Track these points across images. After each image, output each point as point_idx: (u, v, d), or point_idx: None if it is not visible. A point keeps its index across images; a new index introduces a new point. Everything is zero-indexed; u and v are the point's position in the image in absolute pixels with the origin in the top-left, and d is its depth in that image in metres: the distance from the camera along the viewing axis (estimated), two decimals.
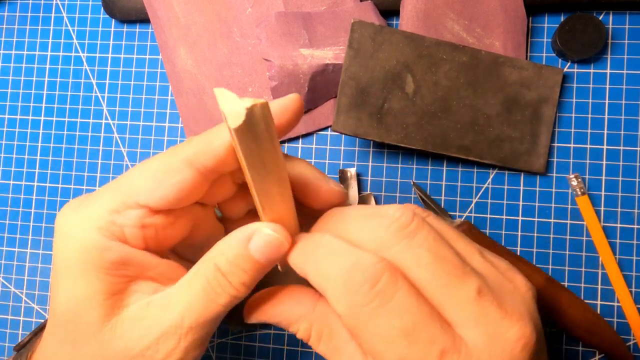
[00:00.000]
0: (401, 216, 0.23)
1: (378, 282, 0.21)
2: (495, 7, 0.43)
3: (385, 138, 0.41)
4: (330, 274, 0.22)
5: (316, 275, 0.24)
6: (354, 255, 0.22)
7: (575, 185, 0.41)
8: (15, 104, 0.49)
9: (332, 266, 0.22)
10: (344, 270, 0.22)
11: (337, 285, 0.22)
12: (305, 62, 0.43)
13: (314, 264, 0.24)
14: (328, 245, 0.24)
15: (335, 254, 0.23)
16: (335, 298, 0.22)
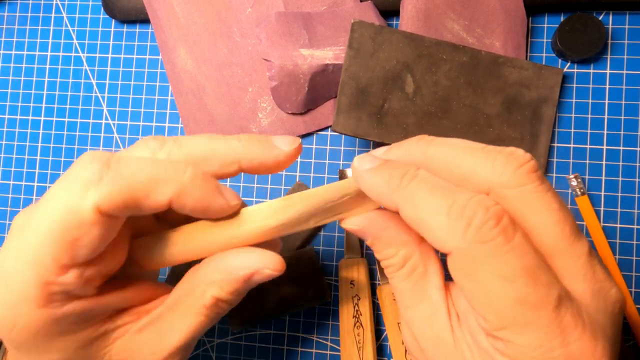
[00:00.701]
0: (531, 159, 0.22)
1: (501, 220, 0.21)
2: (495, 7, 0.43)
3: (385, 138, 0.41)
4: (440, 208, 0.21)
5: (416, 208, 0.22)
6: (467, 192, 0.22)
7: (575, 186, 0.41)
8: (15, 104, 0.49)
9: (442, 200, 0.21)
10: (461, 206, 0.21)
11: (453, 220, 0.21)
12: (305, 62, 0.43)
13: (411, 197, 0.22)
14: (429, 180, 0.23)
15: (443, 189, 0.22)
16: (447, 233, 0.21)
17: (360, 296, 0.41)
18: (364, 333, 0.41)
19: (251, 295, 0.42)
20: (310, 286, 0.42)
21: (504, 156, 0.22)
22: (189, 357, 0.26)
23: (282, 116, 0.45)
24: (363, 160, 0.25)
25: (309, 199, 0.25)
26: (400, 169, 0.23)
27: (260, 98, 0.45)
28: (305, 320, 0.44)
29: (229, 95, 0.45)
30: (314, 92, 0.44)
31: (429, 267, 0.25)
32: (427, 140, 0.25)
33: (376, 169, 0.24)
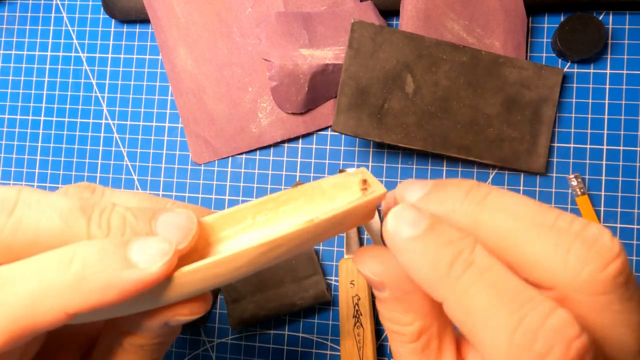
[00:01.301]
0: (620, 254, 0.17)
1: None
2: (495, 7, 0.43)
3: (385, 138, 0.41)
4: (502, 326, 0.16)
5: (469, 313, 0.17)
6: (542, 305, 0.16)
7: (575, 185, 0.41)
8: (15, 104, 0.49)
9: (507, 315, 0.16)
10: (531, 330, 0.15)
11: (516, 350, 0.16)
12: (305, 62, 0.43)
13: (464, 295, 0.17)
14: (491, 274, 0.17)
15: (509, 295, 0.16)
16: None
17: (360, 296, 0.41)
18: (364, 333, 0.41)
19: (251, 295, 0.42)
20: (310, 286, 0.42)
21: (584, 247, 0.16)
22: None
23: (282, 116, 0.45)
24: (400, 220, 0.18)
25: (300, 236, 0.19)
26: (451, 247, 0.17)
27: (260, 98, 0.45)
28: (305, 320, 0.44)
29: (229, 95, 0.45)
30: (314, 92, 0.44)
31: (444, 342, 0.20)
32: (480, 196, 0.18)
33: (419, 240, 0.18)
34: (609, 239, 0.17)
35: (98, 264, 0.17)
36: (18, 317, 0.17)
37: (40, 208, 0.18)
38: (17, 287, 0.17)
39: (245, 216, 0.21)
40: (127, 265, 0.17)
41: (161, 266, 0.17)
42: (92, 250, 0.17)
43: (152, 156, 0.47)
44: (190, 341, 0.45)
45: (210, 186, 0.46)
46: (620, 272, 0.16)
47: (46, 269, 0.17)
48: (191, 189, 0.47)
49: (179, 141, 0.47)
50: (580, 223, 0.17)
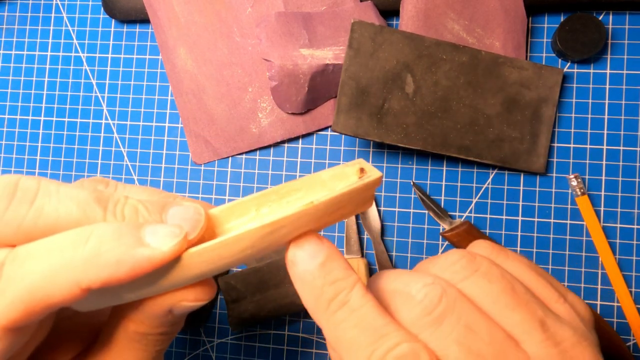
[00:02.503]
0: (424, 298, 0.20)
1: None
2: (495, 7, 0.43)
3: (385, 138, 0.41)
4: (359, 356, 0.19)
5: (338, 342, 0.20)
6: (393, 337, 0.19)
7: (575, 185, 0.41)
8: (15, 104, 0.49)
9: (363, 348, 0.19)
10: (378, 358, 0.19)
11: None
12: (305, 62, 0.43)
13: (335, 327, 0.20)
14: (359, 313, 0.20)
15: (369, 330, 0.20)
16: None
17: None
18: None
19: (251, 295, 0.42)
20: None
21: (404, 298, 0.21)
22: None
23: (282, 116, 0.45)
24: (298, 253, 0.21)
25: (299, 219, 0.20)
26: (333, 287, 0.20)
27: (260, 98, 0.45)
28: (305, 320, 0.44)
29: (229, 95, 0.45)
30: (314, 92, 0.44)
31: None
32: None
33: (311, 273, 0.20)
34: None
35: (113, 241, 0.18)
36: (35, 290, 0.18)
37: (59, 198, 0.19)
38: (35, 262, 0.18)
39: (249, 208, 0.22)
40: (140, 244, 0.18)
41: (172, 246, 0.18)
42: (108, 229, 0.19)
43: (152, 156, 0.47)
44: (190, 341, 0.45)
45: (210, 186, 0.46)
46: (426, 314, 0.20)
47: (64, 245, 0.18)
48: (191, 189, 0.47)
49: (179, 141, 0.47)
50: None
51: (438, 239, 0.44)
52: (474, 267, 0.22)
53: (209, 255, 0.19)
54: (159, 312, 0.21)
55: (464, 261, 0.22)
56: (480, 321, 0.20)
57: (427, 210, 0.44)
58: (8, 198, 0.19)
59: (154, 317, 0.21)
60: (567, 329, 0.21)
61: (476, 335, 0.20)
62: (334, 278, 0.20)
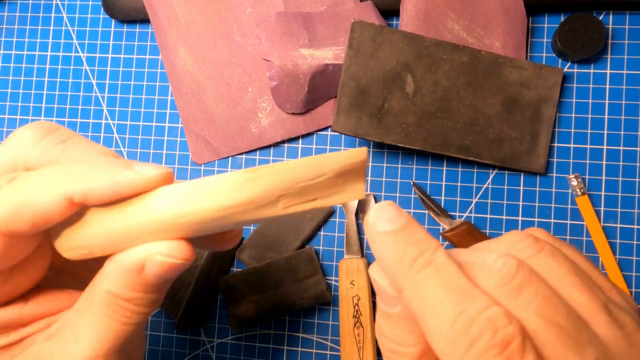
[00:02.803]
0: (502, 267, 0.20)
1: (507, 347, 0.18)
2: (495, 7, 0.43)
3: (385, 138, 0.41)
4: (446, 315, 0.19)
5: (421, 304, 0.20)
6: (483, 300, 0.19)
7: (575, 185, 0.41)
8: (15, 104, 0.49)
9: (451, 306, 0.19)
10: (468, 319, 0.19)
11: (455, 334, 0.19)
12: (305, 62, 0.43)
13: (419, 287, 0.20)
14: (445, 272, 0.20)
15: (457, 290, 0.19)
16: (446, 347, 0.19)
17: (360, 296, 0.41)
18: (364, 333, 0.41)
19: (251, 295, 0.42)
20: (310, 286, 0.42)
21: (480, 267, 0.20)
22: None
23: (282, 116, 0.45)
24: (380, 216, 0.21)
25: (278, 174, 0.20)
26: (417, 246, 0.20)
27: (260, 98, 0.45)
28: (305, 320, 0.44)
29: (229, 95, 0.45)
30: (314, 92, 0.44)
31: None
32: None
33: (393, 235, 0.21)
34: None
35: (104, 164, 0.21)
36: (28, 198, 0.20)
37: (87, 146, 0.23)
38: (36, 176, 0.21)
39: None
40: (127, 167, 0.21)
41: (156, 173, 0.21)
42: (105, 158, 0.22)
43: (152, 156, 0.47)
44: (190, 341, 0.45)
45: None
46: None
47: (59, 167, 0.21)
48: None
49: (179, 141, 0.47)
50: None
51: (438, 239, 0.44)
52: (539, 246, 0.22)
53: (192, 191, 0.20)
54: (131, 265, 0.21)
55: (529, 240, 0.22)
56: (556, 295, 0.20)
57: (427, 210, 0.44)
58: (45, 133, 0.23)
59: (126, 271, 0.22)
60: (627, 315, 0.21)
61: (555, 308, 0.20)
62: (417, 239, 0.21)
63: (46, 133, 0.23)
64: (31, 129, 0.23)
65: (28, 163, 0.22)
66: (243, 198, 0.20)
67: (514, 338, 0.18)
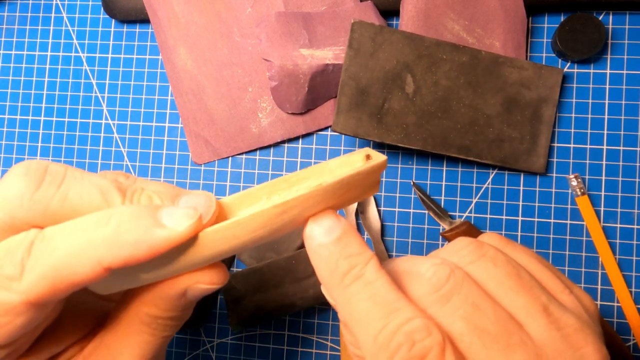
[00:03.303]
0: (433, 275, 0.21)
1: (424, 359, 0.19)
2: (495, 7, 0.43)
3: (385, 138, 0.41)
4: (371, 328, 0.20)
5: (350, 316, 0.21)
6: (406, 312, 0.20)
7: (575, 186, 0.41)
8: (15, 104, 0.49)
9: (376, 319, 0.20)
10: (390, 332, 0.19)
11: (377, 347, 0.19)
12: (305, 62, 0.43)
13: (348, 301, 0.21)
14: (373, 286, 0.20)
15: (382, 304, 0.20)
16: (370, 358, 0.20)
17: None
18: None
19: (251, 295, 0.42)
20: (310, 286, 0.42)
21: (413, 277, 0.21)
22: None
23: (282, 116, 0.45)
24: (318, 226, 0.22)
25: (307, 201, 0.21)
26: (348, 260, 0.21)
27: (260, 98, 0.45)
28: (305, 320, 0.44)
29: (229, 95, 0.45)
30: (314, 92, 0.44)
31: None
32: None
33: (326, 248, 0.21)
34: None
35: (132, 222, 0.19)
36: (61, 267, 0.19)
37: (83, 184, 0.21)
38: (61, 241, 0.19)
39: (259, 196, 0.23)
40: (157, 224, 0.19)
41: (187, 226, 0.20)
42: (127, 211, 0.20)
43: (152, 156, 0.47)
44: (190, 341, 0.45)
45: (210, 186, 0.46)
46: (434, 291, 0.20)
47: (87, 225, 0.20)
48: (191, 189, 0.46)
49: (179, 141, 0.47)
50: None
51: (438, 239, 0.44)
52: (481, 252, 0.22)
53: (224, 234, 0.20)
54: (174, 294, 0.22)
55: (471, 247, 0.23)
56: (486, 301, 0.21)
57: (427, 210, 0.44)
58: (38, 180, 0.20)
59: (168, 299, 0.22)
60: (571, 317, 0.21)
61: (482, 313, 0.20)
62: (349, 253, 0.21)
63: (39, 180, 0.20)
64: (20, 179, 0.20)
65: (29, 219, 0.20)
66: (274, 228, 0.21)
67: (431, 350, 0.19)
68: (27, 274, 0.19)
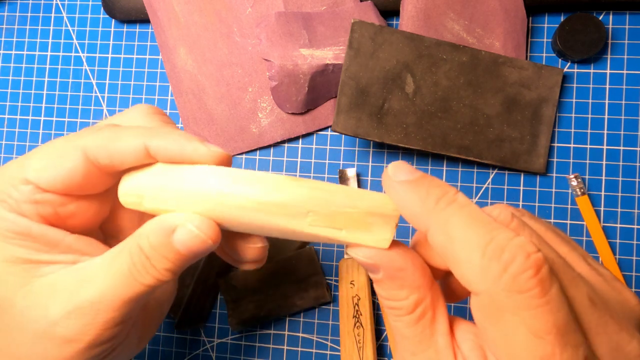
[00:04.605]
0: (499, 214, 0.22)
1: (540, 270, 0.19)
2: (495, 7, 0.43)
3: (385, 138, 0.41)
4: (476, 244, 0.20)
5: (449, 237, 0.21)
6: (508, 231, 0.20)
7: (575, 185, 0.41)
8: (15, 104, 0.49)
9: (480, 235, 0.20)
10: (499, 246, 0.19)
11: (488, 261, 0.19)
12: (305, 62, 0.43)
13: (446, 223, 0.21)
14: (468, 209, 0.21)
15: (482, 223, 0.20)
16: (480, 274, 0.20)
17: (360, 296, 0.41)
18: (364, 333, 0.41)
19: (251, 295, 0.42)
20: (310, 286, 0.42)
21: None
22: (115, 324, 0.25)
23: (282, 116, 0.45)
24: (398, 169, 0.23)
25: (315, 189, 0.22)
26: (439, 188, 0.22)
27: (260, 98, 0.45)
28: (305, 320, 0.44)
29: (229, 95, 0.45)
30: (314, 92, 0.44)
31: (437, 312, 0.23)
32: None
33: (413, 182, 0.22)
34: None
35: (183, 134, 0.24)
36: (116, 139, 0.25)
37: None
38: (125, 127, 0.25)
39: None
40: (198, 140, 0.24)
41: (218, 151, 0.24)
42: (184, 133, 0.25)
43: None
44: (190, 341, 0.45)
45: None
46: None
47: (150, 127, 0.25)
48: None
49: None
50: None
51: None
52: (520, 212, 0.24)
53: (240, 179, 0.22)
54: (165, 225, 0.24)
55: (510, 209, 0.23)
56: (543, 243, 0.22)
57: None
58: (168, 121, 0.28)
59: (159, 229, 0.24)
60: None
61: (546, 249, 0.21)
62: (437, 183, 0.22)
63: (155, 113, 0.27)
64: (144, 107, 0.27)
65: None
66: (280, 198, 0.22)
67: (544, 263, 0.19)
68: (99, 134, 0.25)
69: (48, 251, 0.25)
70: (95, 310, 0.24)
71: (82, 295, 0.24)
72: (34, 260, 0.25)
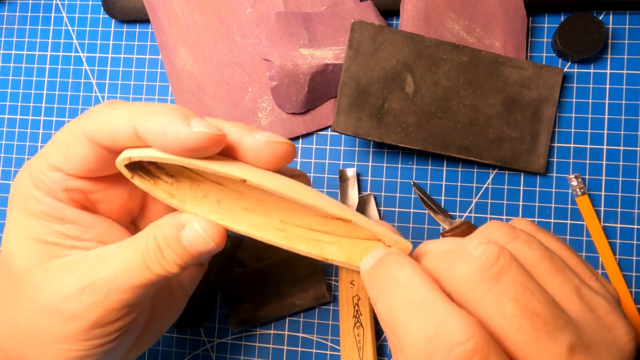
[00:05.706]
0: (482, 254, 0.21)
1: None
2: (495, 7, 0.43)
3: (385, 138, 0.41)
4: (408, 330, 0.20)
5: (389, 318, 0.21)
6: (437, 316, 0.19)
7: (575, 185, 0.41)
8: (15, 104, 0.49)
9: (411, 323, 0.20)
10: (425, 338, 0.19)
11: (415, 352, 0.19)
12: (305, 62, 0.43)
13: (386, 301, 0.21)
14: (407, 286, 0.21)
15: (414, 306, 0.20)
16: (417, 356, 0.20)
17: (360, 296, 0.41)
18: (364, 333, 0.41)
19: (251, 295, 0.42)
20: (310, 286, 0.42)
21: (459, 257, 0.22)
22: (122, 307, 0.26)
23: (282, 116, 0.45)
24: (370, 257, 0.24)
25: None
26: (383, 267, 0.23)
27: (260, 98, 0.45)
28: (305, 320, 0.44)
29: (229, 95, 0.45)
30: (314, 92, 0.44)
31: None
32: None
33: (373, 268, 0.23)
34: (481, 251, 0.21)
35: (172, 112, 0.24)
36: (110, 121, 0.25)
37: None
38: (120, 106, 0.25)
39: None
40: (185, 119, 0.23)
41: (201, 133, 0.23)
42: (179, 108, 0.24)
43: None
44: (190, 341, 0.45)
45: None
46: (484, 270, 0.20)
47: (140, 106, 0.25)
48: None
49: None
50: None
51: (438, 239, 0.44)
52: (515, 234, 0.23)
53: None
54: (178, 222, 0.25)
55: (504, 229, 0.23)
56: (532, 282, 0.21)
57: (427, 210, 0.44)
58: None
59: (173, 223, 0.25)
60: (601, 299, 0.22)
61: (531, 294, 0.20)
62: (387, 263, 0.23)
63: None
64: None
65: None
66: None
67: (472, 354, 0.18)
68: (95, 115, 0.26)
69: (76, 237, 0.27)
70: (107, 289, 0.25)
71: (99, 274, 0.25)
72: (59, 244, 0.26)
